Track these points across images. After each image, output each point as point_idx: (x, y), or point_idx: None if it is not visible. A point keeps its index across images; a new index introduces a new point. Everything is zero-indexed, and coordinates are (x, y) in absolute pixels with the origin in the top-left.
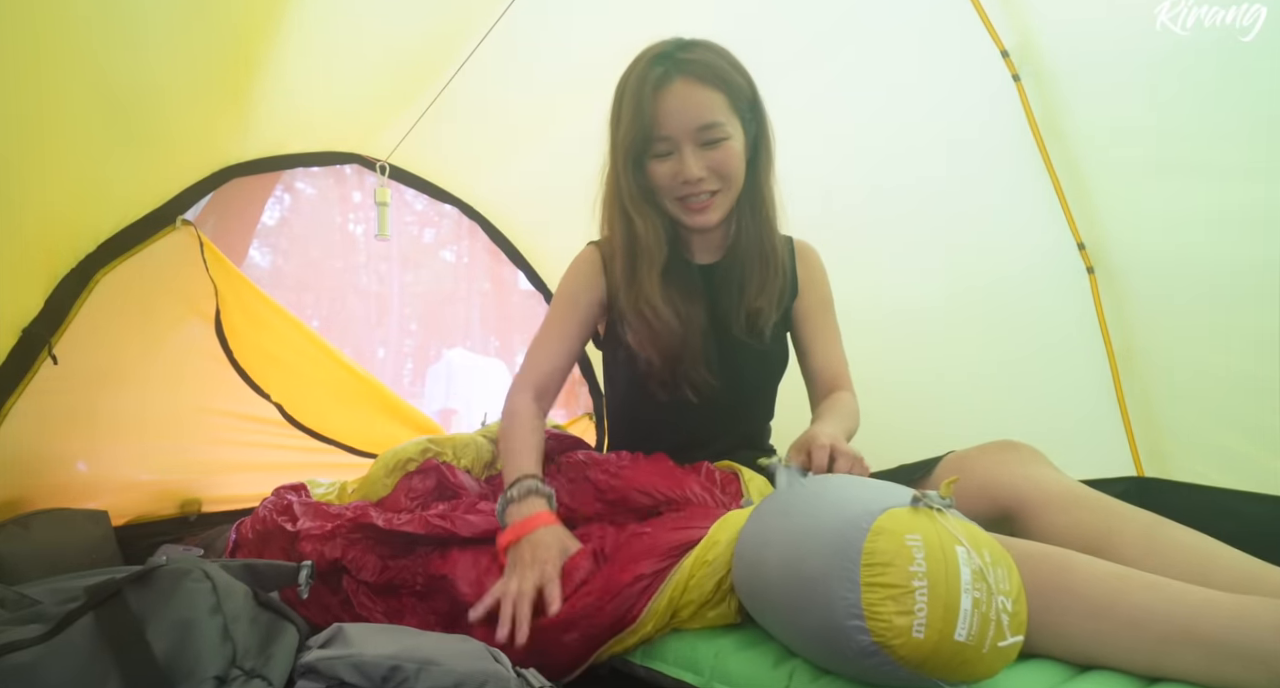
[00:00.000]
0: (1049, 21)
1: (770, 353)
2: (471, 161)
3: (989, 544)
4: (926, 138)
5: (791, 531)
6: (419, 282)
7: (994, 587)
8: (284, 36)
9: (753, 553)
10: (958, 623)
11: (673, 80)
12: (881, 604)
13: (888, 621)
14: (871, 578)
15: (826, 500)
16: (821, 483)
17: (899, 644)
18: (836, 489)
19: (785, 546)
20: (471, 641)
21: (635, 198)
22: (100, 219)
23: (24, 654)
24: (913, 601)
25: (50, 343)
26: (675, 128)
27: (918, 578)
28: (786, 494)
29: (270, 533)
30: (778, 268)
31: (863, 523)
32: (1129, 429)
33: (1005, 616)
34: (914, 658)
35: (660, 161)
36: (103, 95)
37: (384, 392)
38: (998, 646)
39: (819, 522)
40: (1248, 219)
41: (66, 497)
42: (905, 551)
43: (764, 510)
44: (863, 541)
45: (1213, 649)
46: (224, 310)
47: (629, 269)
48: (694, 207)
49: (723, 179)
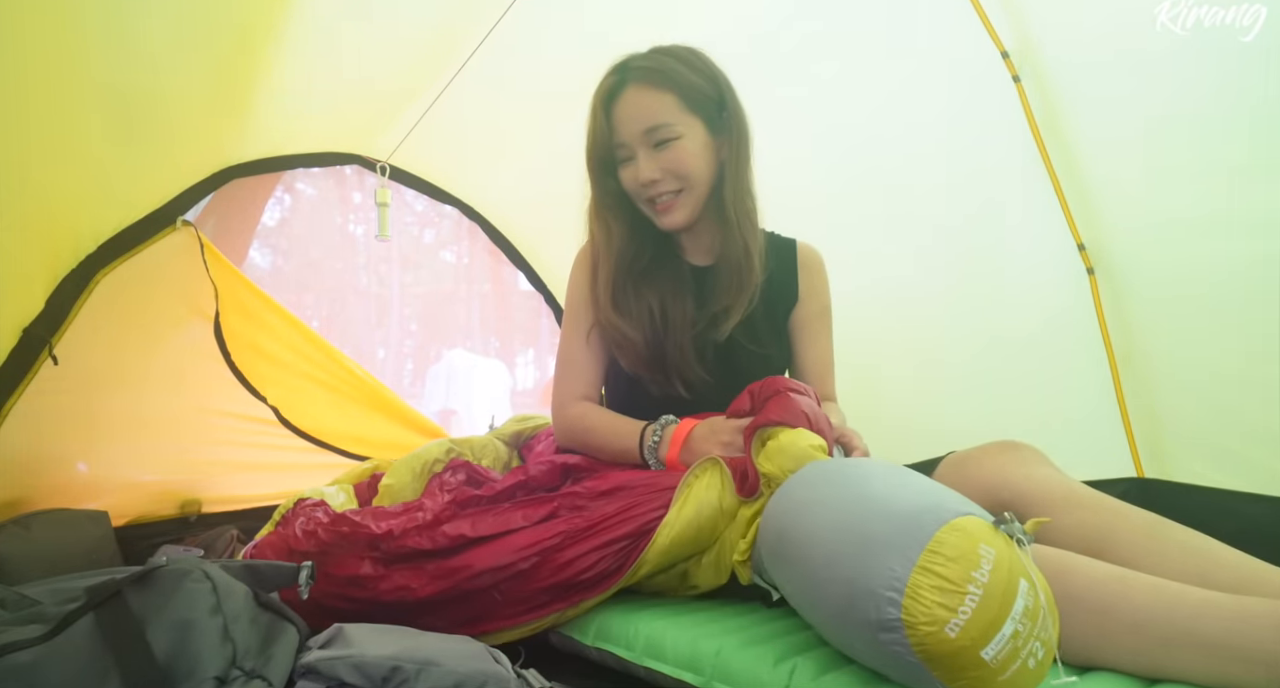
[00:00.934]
0: (1049, 22)
1: (772, 357)
2: (472, 162)
3: (1047, 592)
4: (926, 138)
5: (857, 498)
6: (419, 282)
7: (1037, 630)
8: (285, 38)
9: (802, 502)
10: (991, 641)
11: (624, 88)
12: (927, 591)
13: (928, 606)
14: (929, 563)
15: (909, 485)
16: (901, 471)
17: (927, 633)
18: (918, 480)
19: (844, 507)
20: (472, 642)
21: (599, 205)
22: (101, 219)
23: (24, 655)
24: (961, 601)
25: (51, 343)
26: (628, 134)
27: (975, 585)
28: (859, 465)
29: (336, 544)
30: (753, 268)
31: (944, 514)
32: (1129, 430)
33: (1033, 659)
34: (933, 651)
35: (624, 168)
36: (104, 96)
37: (384, 393)
38: (1009, 679)
39: (893, 498)
40: (1248, 219)
41: (67, 497)
42: (975, 555)
43: (826, 471)
44: (937, 529)
45: (1213, 651)
46: (224, 311)
47: (592, 275)
48: (659, 208)
49: (680, 178)
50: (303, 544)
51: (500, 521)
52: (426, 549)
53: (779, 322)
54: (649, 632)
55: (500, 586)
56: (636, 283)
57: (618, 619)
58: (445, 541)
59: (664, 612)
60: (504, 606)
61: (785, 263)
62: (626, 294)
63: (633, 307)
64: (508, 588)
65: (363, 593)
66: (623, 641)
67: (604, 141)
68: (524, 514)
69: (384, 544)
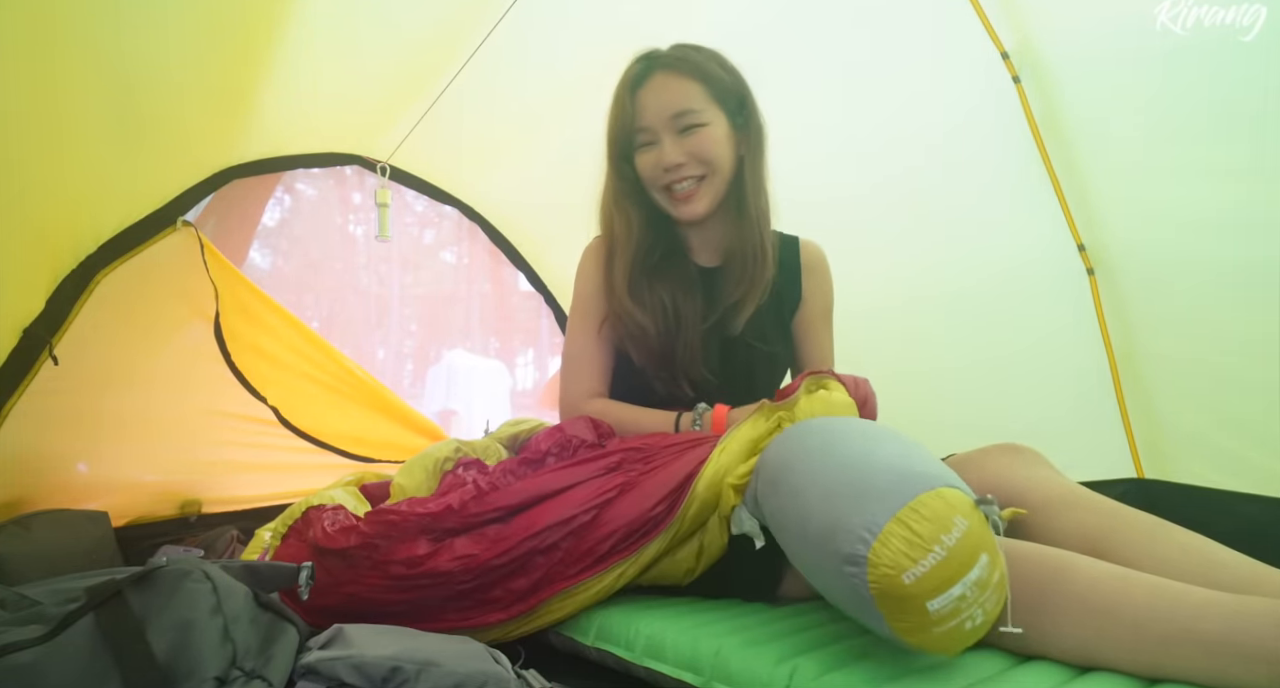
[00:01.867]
0: (1049, 23)
1: (777, 354)
2: (472, 163)
3: (1002, 573)
4: (926, 139)
5: (864, 453)
6: (419, 283)
7: (983, 600)
8: (285, 38)
9: (815, 444)
10: (939, 597)
11: (651, 74)
12: (897, 540)
13: (893, 553)
14: (906, 518)
15: (912, 453)
16: (911, 442)
17: (885, 574)
18: (923, 451)
19: (850, 457)
20: (472, 642)
21: (618, 193)
22: (101, 220)
23: (24, 655)
24: (924, 556)
25: (51, 344)
26: (653, 117)
27: (941, 546)
28: (876, 428)
29: (383, 534)
30: (766, 265)
31: (934, 482)
32: (1129, 430)
33: (970, 623)
34: (886, 591)
35: (644, 153)
36: (104, 96)
37: (384, 393)
38: (944, 633)
39: (895, 459)
40: (1248, 220)
41: (67, 497)
42: (948, 522)
43: (846, 424)
44: (923, 491)
45: (1214, 649)
46: (224, 311)
47: (607, 266)
48: (680, 196)
49: (704, 164)
50: (339, 542)
51: (561, 476)
52: (499, 511)
53: (784, 319)
54: (649, 632)
55: (562, 542)
56: (649, 277)
57: (618, 620)
58: (515, 499)
59: (664, 612)
60: (567, 564)
61: (789, 260)
62: (641, 285)
63: (646, 299)
64: (570, 545)
65: (420, 570)
66: (623, 641)
67: (627, 126)
68: (586, 468)
69: (446, 520)
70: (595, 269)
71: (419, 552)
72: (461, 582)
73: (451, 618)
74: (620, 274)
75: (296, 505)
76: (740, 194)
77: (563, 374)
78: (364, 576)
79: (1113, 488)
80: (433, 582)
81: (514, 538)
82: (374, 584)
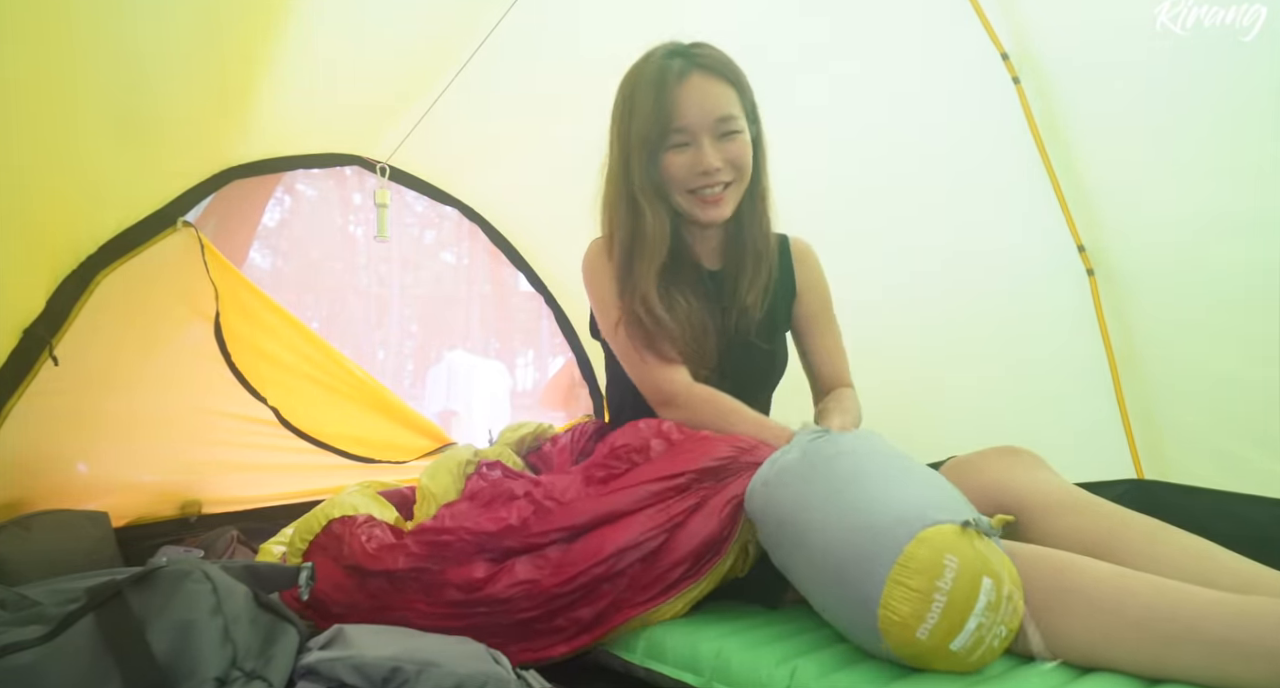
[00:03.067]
0: (1048, 24)
1: (776, 353)
2: (472, 163)
3: (1011, 575)
4: (926, 140)
5: (844, 509)
6: (419, 283)
7: (1000, 618)
8: (285, 39)
9: (795, 500)
10: (958, 637)
11: (690, 73)
12: (899, 601)
13: (900, 616)
14: (899, 577)
15: (889, 489)
16: (888, 465)
17: (901, 637)
18: (901, 478)
19: (831, 516)
20: (471, 642)
21: (647, 190)
22: (101, 220)
23: (24, 655)
24: (928, 609)
25: (51, 344)
26: (694, 119)
27: (940, 593)
28: (850, 462)
29: (436, 555)
30: (770, 265)
31: (913, 526)
32: (1129, 431)
33: (996, 640)
34: (908, 651)
35: (676, 153)
36: (104, 97)
37: (384, 394)
38: (977, 658)
39: (874, 508)
40: (1248, 221)
41: (67, 498)
42: (939, 565)
43: (817, 466)
44: (906, 543)
45: (1216, 647)
46: (224, 312)
47: (625, 267)
48: (709, 199)
49: (737, 171)
50: (385, 563)
51: (628, 497)
52: (562, 531)
53: (781, 318)
54: (650, 634)
55: (629, 569)
56: (666, 278)
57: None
58: (581, 519)
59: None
60: (635, 591)
61: (782, 258)
62: (663, 285)
63: (669, 300)
64: (638, 572)
65: (478, 596)
66: (624, 643)
67: (663, 124)
68: (654, 487)
69: (507, 539)
70: (605, 268)
71: (476, 575)
72: (522, 610)
73: (512, 649)
74: (644, 276)
75: (313, 517)
76: (752, 199)
77: (636, 373)
78: (412, 600)
79: (1112, 489)
80: (490, 609)
81: (580, 564)
82: (424, 611)
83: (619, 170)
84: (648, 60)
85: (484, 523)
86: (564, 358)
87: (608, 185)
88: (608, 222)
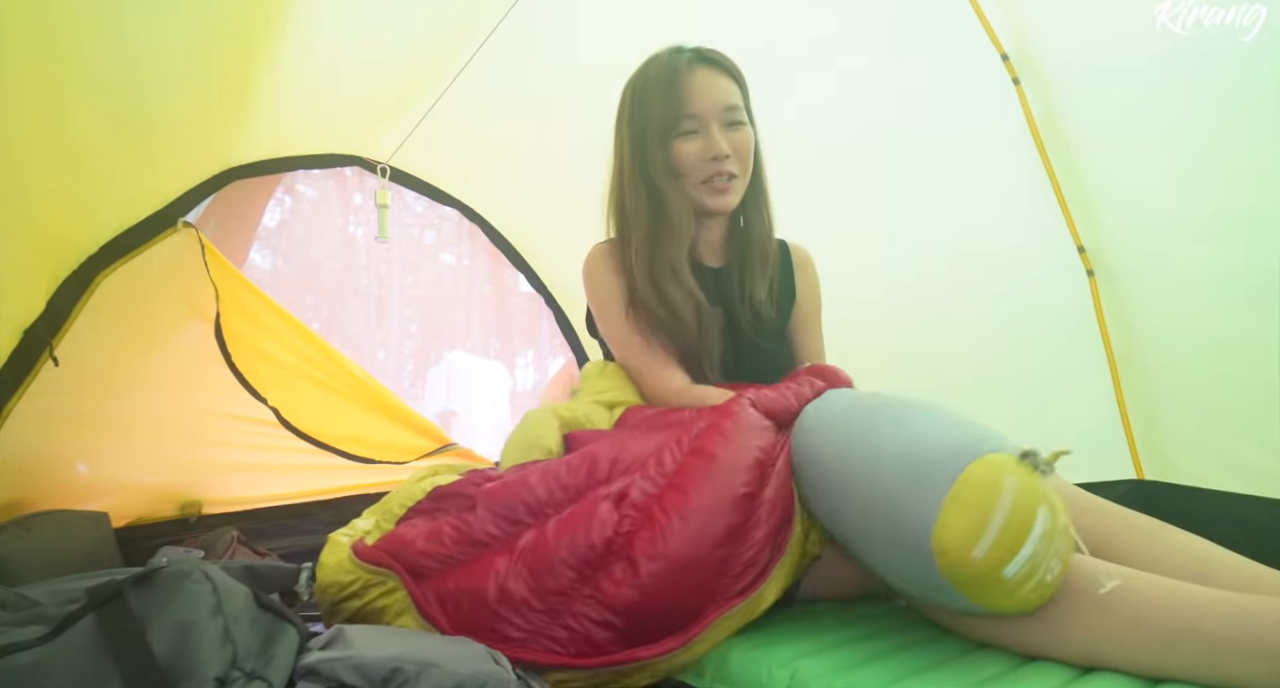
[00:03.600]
0: (1049, 24)
1: (778, 352)
2: (472, 164)
3: (1065, 513)
4: (926, 141)
5: (895, 436)
6: (419, 284)
7: (1055, 549)
8: (286, 39)
9: (843, 435)
10: (1011, 563)
11: (697, 65)
12: (955, 519)
13: (954, 532)
14: (957, 495)
15: (940, 421)
16: (930, 404)
17: (954, 556)
18: (952, 414)
19: (883, 444)
20: (472, 643)
21: (658, 174)
22: (101, 221)
23: (25, 656)
24: (985, 527)
25: (51, 344)
26: (704, 106)
27: (998, 513)
28: (896, 402)
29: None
30: (775, 264)
31: (971, 453)
32: (1129, 432)
33: (1050, 574)
34: (962, 573)
35: (687, 141)
36: (105, 98)
37: (384, 394)
38: (1029, 591)
39: (926, 440)
40: (1248, 221)
41: (67, 498)
42: (998, 486)
43: (865, 404)
44: (968, 462)
45: (1216, 646)
46: (224, 313)
47: (649, 256)
48: (718, 187)
49: (742, 162)
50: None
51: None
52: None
53: (782, 319)
54: None
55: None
56: (673, 271)
57: None
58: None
59: None
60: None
61: (783, 261)
62: (666, 276)
63: (671, 291)
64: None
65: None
66: None
67: (673, 111)
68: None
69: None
70: (606, 270)
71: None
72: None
73: (612, 649)
74: (677, 256)
75: (415, 486)
76: (755, 197)
77: (635, 374)
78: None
79: (1113, 489)
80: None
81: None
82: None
83: (632, 164)
84: (654, 60)
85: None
86: (564, 358)
87: (614, 186)
88: (619, 222)
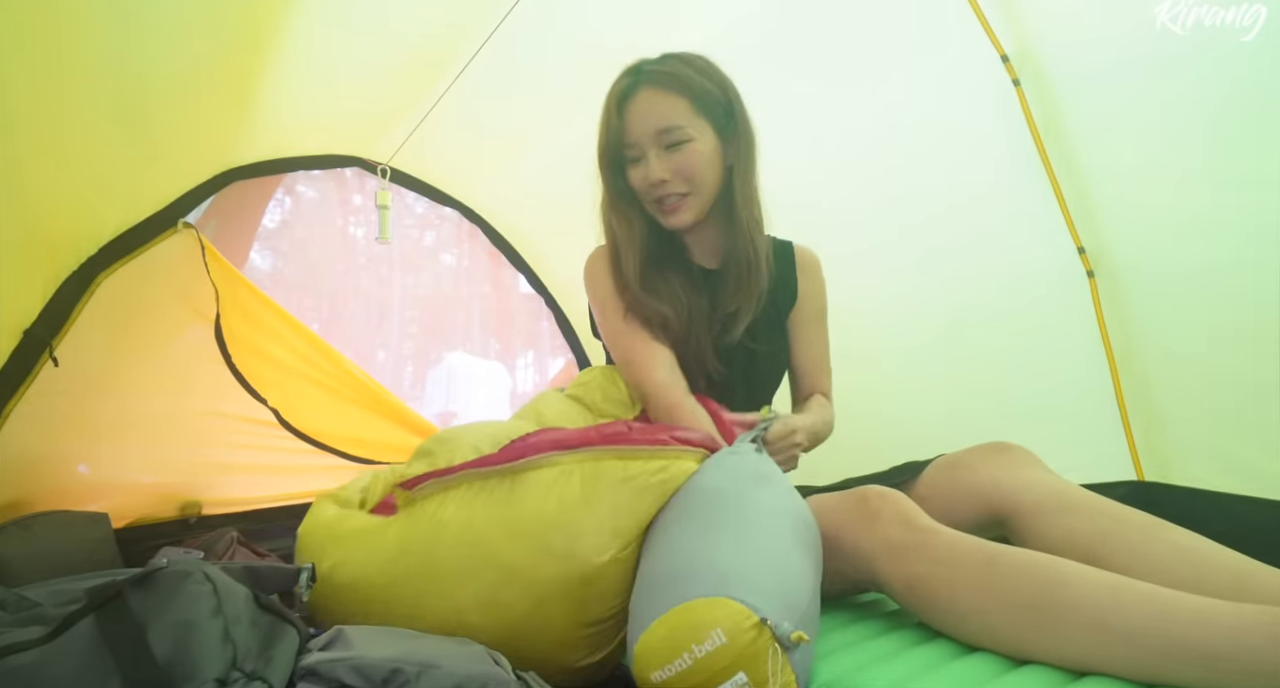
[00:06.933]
0: (1048, 25)
1: (777, 353)
2: (472, 165)
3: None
4: (926, 142)
5: (681, 548)
6: (419, 284)
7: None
8: (286, 40)
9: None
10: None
11: (637, 90)
12: (654, 639)
13: (649, 649)
14: (670, 618)
15: (744, 540)
16: (768, 516)
17: (640, 665)
18: (768, 538)
19: (671, 546)
20: (472, 644)
21: (615, 201)
22: (102, 222)
23: (24, 656)
24: (670, 661)
25: (51, 345)
26: (639, 133)
27: (689, 655)
28: (727, 508)
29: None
30: (761, 271)
31: (713, 588)
32: (1129, 433)
33: None
34: (641, 680)
35: (633, 167)
36: (105, 98)
37: (384, 395)
38: None
39: (707, 556)
40: (1248, 222)
41: (67, 499)
42: (704, 633)
43: (699, 503)
44: (697, 597)
45: (1211, 662)
46: (224, 313)
47: (615, 267)
48: (668, 208)
49: (688, 181)
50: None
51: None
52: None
53: (781, 321)
54: None
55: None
56: (659, 270)
57: None
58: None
59: None
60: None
61: (785, 264)
62: (653, 277)
63: (662, 290)
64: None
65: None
66: None
67: (616, 141)
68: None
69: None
70: (605, 272)
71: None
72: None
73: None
74: (631, 271)
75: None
76: (730, 203)
77: (633, 378)
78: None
79: (1113, 490)
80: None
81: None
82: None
83: (603, 185)
84: (612, 85)
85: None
86: (564, 359)
87: (600, 198)
88: (606, 231)
